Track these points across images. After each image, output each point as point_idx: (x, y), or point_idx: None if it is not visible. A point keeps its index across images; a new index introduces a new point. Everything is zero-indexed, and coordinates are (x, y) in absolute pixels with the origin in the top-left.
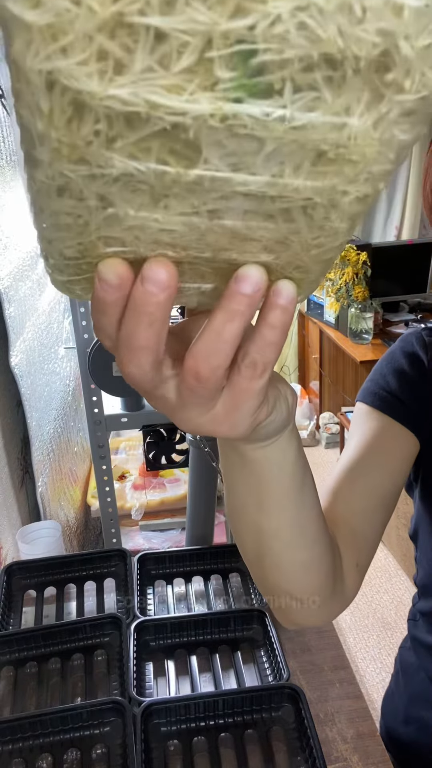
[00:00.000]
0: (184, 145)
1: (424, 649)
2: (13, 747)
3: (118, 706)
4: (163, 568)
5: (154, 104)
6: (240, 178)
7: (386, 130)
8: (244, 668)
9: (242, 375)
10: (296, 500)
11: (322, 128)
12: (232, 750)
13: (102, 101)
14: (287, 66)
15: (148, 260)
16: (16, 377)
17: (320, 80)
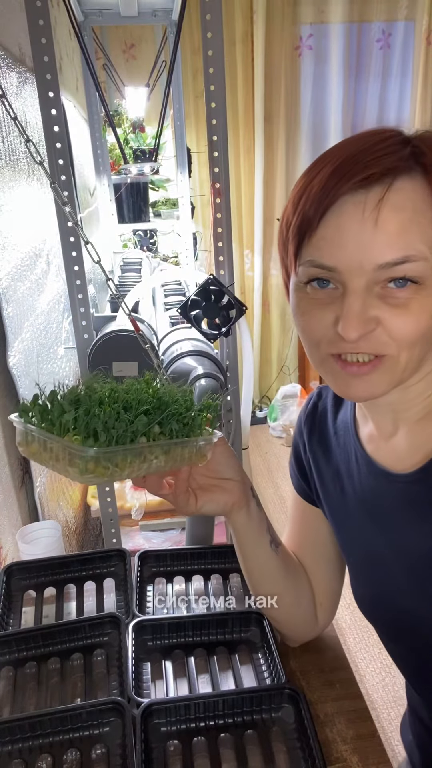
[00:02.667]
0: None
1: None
2: (13, 748)
3: (118, 706)
4: (163, 566)
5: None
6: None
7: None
8: (242, 670)
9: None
10: (257, 549)
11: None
12: (232, 750)
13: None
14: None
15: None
16: (14, 377)
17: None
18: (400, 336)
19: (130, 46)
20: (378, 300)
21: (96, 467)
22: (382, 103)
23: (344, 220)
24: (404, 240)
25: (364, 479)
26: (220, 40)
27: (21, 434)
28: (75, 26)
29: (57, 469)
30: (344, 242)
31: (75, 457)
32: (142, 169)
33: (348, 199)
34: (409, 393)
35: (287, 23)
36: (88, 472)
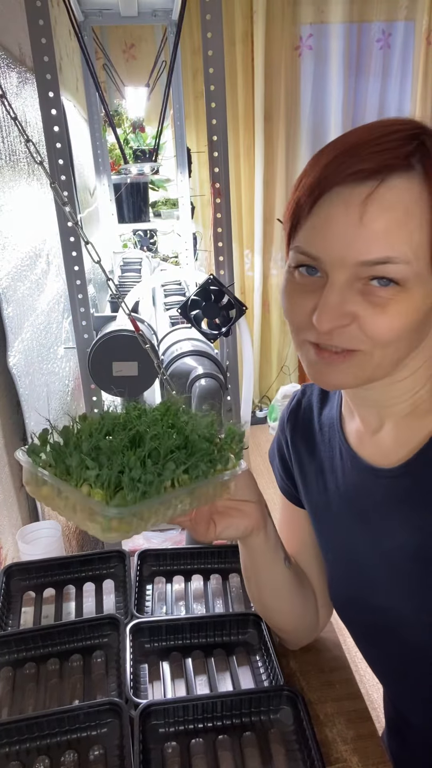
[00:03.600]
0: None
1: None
2: (10, 750)
3: (115, 707)
4: (163, 565)
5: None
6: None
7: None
8: (239, 672)
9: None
10: (273, 570)
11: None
12: (230, 752)
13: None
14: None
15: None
16: (14, 377)
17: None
18: (373, 335)
19: (130, 46)
20: (358, 296)
21: (120, 524)
22: (382, 103)
23: (333, 211)
24: (389, 240)
25: (348, 475)
26: (220, 40)
27: (30, 474)
28: (75, 26)
29: (73, 519)
30: (330, 234)
31: (97, 515)
32: (142, 169)
33: (339, 190)
34: (396, 389)
35: (287, 23)
36: (111, 531)
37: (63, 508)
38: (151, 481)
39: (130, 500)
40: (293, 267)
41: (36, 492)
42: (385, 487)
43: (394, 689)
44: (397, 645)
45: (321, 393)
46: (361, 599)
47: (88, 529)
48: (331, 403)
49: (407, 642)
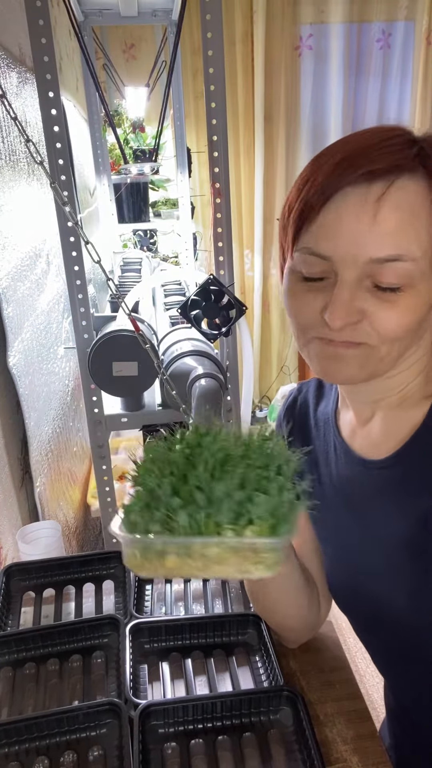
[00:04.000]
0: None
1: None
2: (9, 750)
3: (115, 707)
4: None
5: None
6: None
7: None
8: (239, 672)
9: None
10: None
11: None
12: (230, 753)
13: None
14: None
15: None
16: (14, 377)
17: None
18: (383, 330)
19: (130, 46)
20: (367, 293)
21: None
22: (382, 103)
23: (344, 211)
24: (398, 239)
25: (341, 468)
26: (220, 40)
27: (142, 551)
28: (75, 26)
29: (221, 573)
30: (341, 233)
31: (263, 552)
32: (142, 169)
33: (350, 190)
34: (391, 383)
35: (287, 23)
36: (278, 564)
37: (203, 567)
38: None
39: (289, 528)
40: (299, 272)
41: (158, 568)
42: (376, 479)
43: (394, 680)
44: (396, 633)
45: (317, 390)
46: (359, 589)
47: (250, 574)
48: (327, 399)
49: (405, 630)
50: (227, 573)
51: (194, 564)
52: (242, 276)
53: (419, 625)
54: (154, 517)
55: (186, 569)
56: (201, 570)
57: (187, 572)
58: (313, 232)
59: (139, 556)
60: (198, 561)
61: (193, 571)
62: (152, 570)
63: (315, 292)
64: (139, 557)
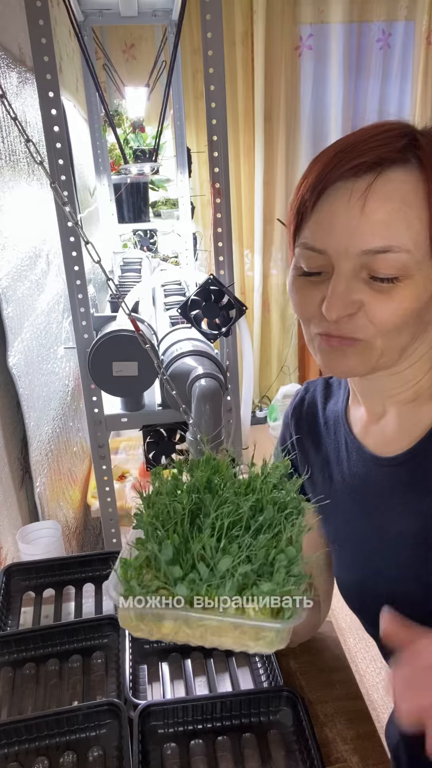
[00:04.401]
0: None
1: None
2: (9, 750)
3: (115, 708)
4: None
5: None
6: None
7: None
8: (239, 673)
9: None
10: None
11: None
12: (229, 753)
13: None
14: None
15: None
16: (14, 377)
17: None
18: (378, 321)
19: (130, 46)
20: (363, 284)
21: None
22: (382, 103)
23: (335, 205)
24: (388, 230)
25: (353, 465)
26: (220, 40)
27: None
28: (75, 26)
29: (220, 644)
30: (334, 227)
31: (266, 631)
32: (142, 169)
33: (340, 185)
34: (398, 379)
35: (287, 23)
36: (280, 644)
37: (200, 636)
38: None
39: (294, 612)
40: (299, 267)
41: (154, 632)
42: (389, 475)
43: None
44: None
45: (324, 389)
46: (373, 586)
47: (248, 649)
48: (335, 398)
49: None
50: (224, 644)
51: (191, 632)
52: (242, 276)
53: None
54: (152, 586)
55: (182, 636)
56: (197, 639)
57: (183, 639)
58: (310, 227)
59: (135, 619)
60: (195, 630)
61: (190, 639)
62: (147, 633)
63: (314, 285)
64: (134, 620)
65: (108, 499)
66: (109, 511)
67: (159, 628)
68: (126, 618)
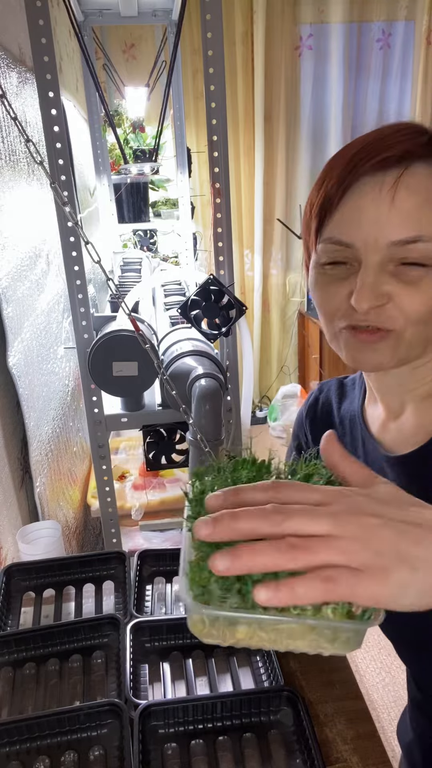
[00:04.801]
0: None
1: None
2: (10, 750)
3: (116, 708)
4: (162, 565)
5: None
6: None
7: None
8: (240, 672)
9: None
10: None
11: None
12: (230, 753)
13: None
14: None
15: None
16: (14, 377)
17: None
18: (409, 311)
19: (130, 46)
20: (391, 277)
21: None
22: (382, 102)
23: (363, 199)
24: (417, 221)
25: (371, 464)
26: (220, 40)
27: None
28: (75, 26)
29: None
30: (362, 220)
31: (344, 632)
32: (142, 169)
33: (367, 180)
34: (418, 372)
35: (287, 23)
36: (357, 645)
37: (274, 640)
38: None
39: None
40: (323, 264)
41: (227, 638)
42: (401, 472)
43: (417, 670)
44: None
45: (339, 389)
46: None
47: (323, 651)
48: (350, 398)
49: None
50: (299, 647)
51: (266, 636)
52: (242, 276)
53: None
54: (232, 589)
55: (256, 641)
56: (271, 642)
57: (256, 644)
58: (335, 221)
59: (208, 624)
60: (270, 634)
61: (264, 643)
62: (220, 639)
63: (340, 281)
64: (207, 626)
65: (108, 499)
66: (109, 511)
67: (233, 633)
68: (198, 623)
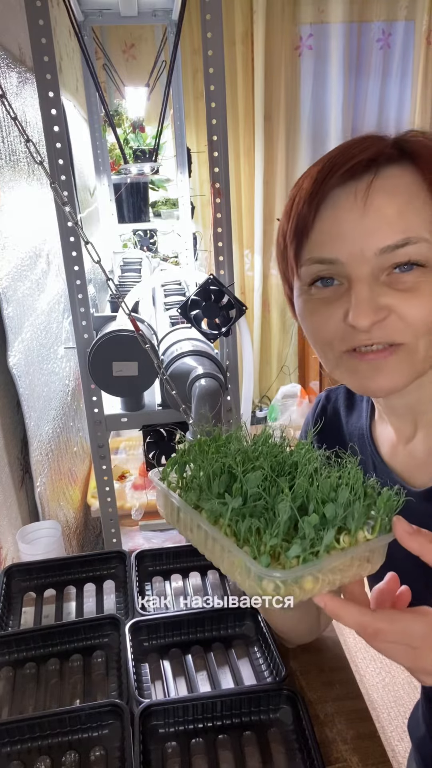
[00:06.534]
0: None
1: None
2: (12, 749)
3: (117, 708)
4: (160, 564)
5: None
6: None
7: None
8: (239, 665)
9: None
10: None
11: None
12: (230, 752)
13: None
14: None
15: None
16: (14, 377)
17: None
18: (414, 320)
19: (130, 46)
20: (386, 287)
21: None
22: (382, 102)
23: (339, 211)
24: (403, 223)
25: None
26: (220, 40)
27: (163, 498)
28: (75, 26)
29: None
30: (342, 232)
31: (258, 577)
32: (142, 169)
33: (339, 191)
34: (425, 391)
35: (287, 23)
36: (383, 556)
37: (330, 582)
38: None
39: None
40: (308, 284)
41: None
42: (421, 507)
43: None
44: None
45: (347, 400)
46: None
47: (239, 584)
48: (358, 411)
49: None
50: (347, 578)
51: (324, 579)
52: (242, 276)
53: None
54: (303, 543)
55: (318, 587)
56: (330, 584)
57: (318, 590)
58: (314, 241)
59: (162, 500)
60: (327, 575)
61: (325, 587)
62: (166, 516)
63: (331, 303)
64: (161, 501)
65: (108, 499)
66: (109, 511)
67: (302, 586)
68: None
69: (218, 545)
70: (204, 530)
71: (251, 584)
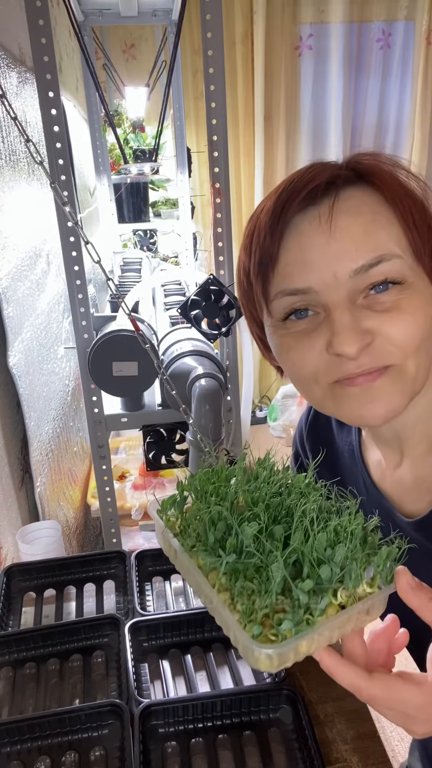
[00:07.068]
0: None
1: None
2: (11, 749)
3: (117, 708)
4: (159, 564)
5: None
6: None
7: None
8: (239, 665)
9: None
10: None
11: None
12: (230, 751)
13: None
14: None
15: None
16: (15, 377)
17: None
18: (401, 341)
19: (130, 46)
20: (366, 310)
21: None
22: (382, 102)
23: (304, 238)
24: (372, 241)
25: (373, 512)
26: (220, 40)
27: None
28: (75, 26)
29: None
30: (311, 259)
31: (249, 649)
32: (142, 169)
33: (300, 218)
34: (410, 416)
35: (287, 23)
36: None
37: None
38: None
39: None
40: (281, 320)
41: (167, 552)
42: (411, 537)
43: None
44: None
45: None
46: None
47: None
48: (348, 426)
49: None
50: (348, 631)
51: (321, 638)
52: None
53: None
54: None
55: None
56: (328, 640)
57: (315, 648)
58: (281, 273)
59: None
60: (324, 634)
61: (323, 644)
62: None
63: (309, 334)
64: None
65: (108, 499)
66: (109, 511)
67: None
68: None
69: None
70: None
71: (244, 649)
